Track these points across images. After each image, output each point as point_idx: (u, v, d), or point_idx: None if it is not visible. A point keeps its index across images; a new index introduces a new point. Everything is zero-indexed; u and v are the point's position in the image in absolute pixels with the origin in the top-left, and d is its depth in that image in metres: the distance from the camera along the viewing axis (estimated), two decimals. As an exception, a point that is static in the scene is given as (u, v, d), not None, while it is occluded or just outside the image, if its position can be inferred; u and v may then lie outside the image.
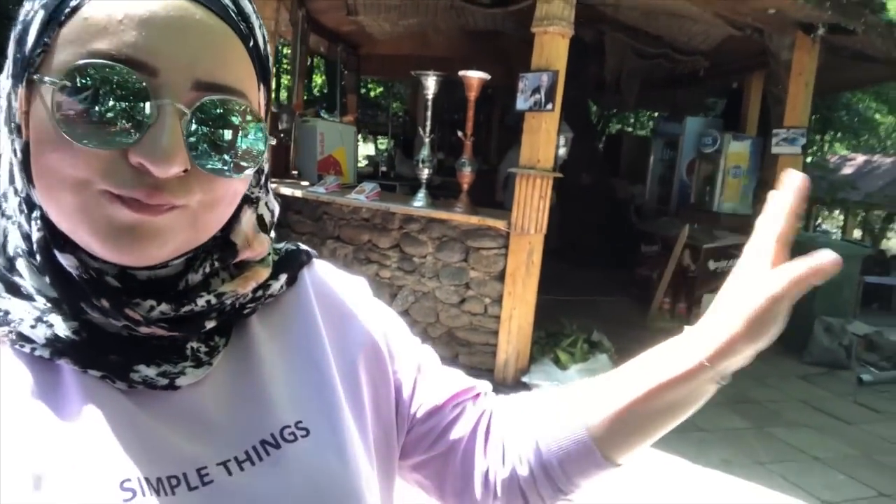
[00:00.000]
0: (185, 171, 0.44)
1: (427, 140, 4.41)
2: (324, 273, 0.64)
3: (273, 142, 0.52)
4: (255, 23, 0.49)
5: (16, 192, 0.47)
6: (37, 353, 0.46)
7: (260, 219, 0.57)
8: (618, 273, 7.55)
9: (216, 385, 0.51)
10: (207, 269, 0.51)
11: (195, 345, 0.50)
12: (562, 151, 5.71)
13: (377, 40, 7.62)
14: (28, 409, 0.44)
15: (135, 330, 0.48)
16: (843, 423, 4.57)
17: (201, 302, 0.50)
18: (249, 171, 0.48)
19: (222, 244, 0.53)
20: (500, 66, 6.19)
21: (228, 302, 0.52)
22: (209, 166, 0.45)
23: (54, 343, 0.46)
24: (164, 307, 0.48)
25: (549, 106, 4.27)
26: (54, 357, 0.46)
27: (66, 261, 0.46)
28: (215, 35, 0.45)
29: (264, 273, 0.55)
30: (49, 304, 0.47)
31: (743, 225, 6.55)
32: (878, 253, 9.80)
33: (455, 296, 4.45)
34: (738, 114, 7.34)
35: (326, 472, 0.51)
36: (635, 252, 7.45)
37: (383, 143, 14.31)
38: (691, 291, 6.25)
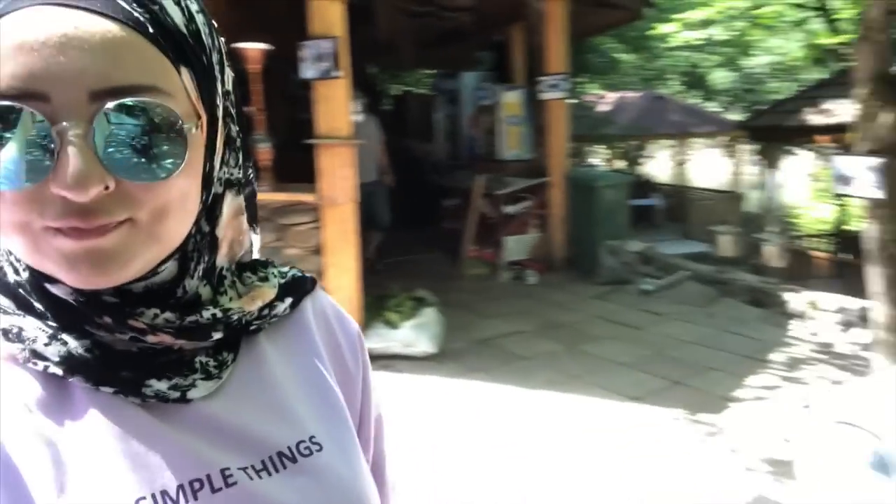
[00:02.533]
0: (107, 188, 0.41)
1: (216, 120, 4.15)
2: (324, 303, 0.64)
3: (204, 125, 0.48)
4: (166, 1, 0.45)
5: None
6: (50, 370, 0.45)
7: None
8: (426, 230, 7.81)
9: (229, 398, 0.51)
10: (200, 272, 0.50)
11: (204, 359, 0.50)
12: (360, 118, 5.72)
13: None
14: (43, 428, 0.44)
15: (142, 340, 0.47)
16: (635, 329, 5.24)
17: (207, 314, 0.50)
18: (178, 167, 0.44)
19: (212, 241, 0.52)
20: (270, 35, 5.98)
21: (235, 318, 0.52)
22: (132, 175, 0.42)
23: (68, 360, 0.46)
24: (168, 315, 0.47)
25: (338, 73, 4.24)
26: (67, 374, 0.46)
27: (59, 291, 0.46)
28: (100, 37, 0.41)
29: (270, 293, 0.56)
30: (56, 323, 0.47)
31: (528, 169, 7.10)
32: (638, 178, 11.18)
33: (275, 277, 4.32)
34: (507, 65, 7.84)
35: (342, 485, 0.53)
36: (438, 208, 7.74)
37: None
38: (494, 236, 6.67)
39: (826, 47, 11.50)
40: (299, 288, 0.60)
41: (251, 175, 0.56)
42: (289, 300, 0.58)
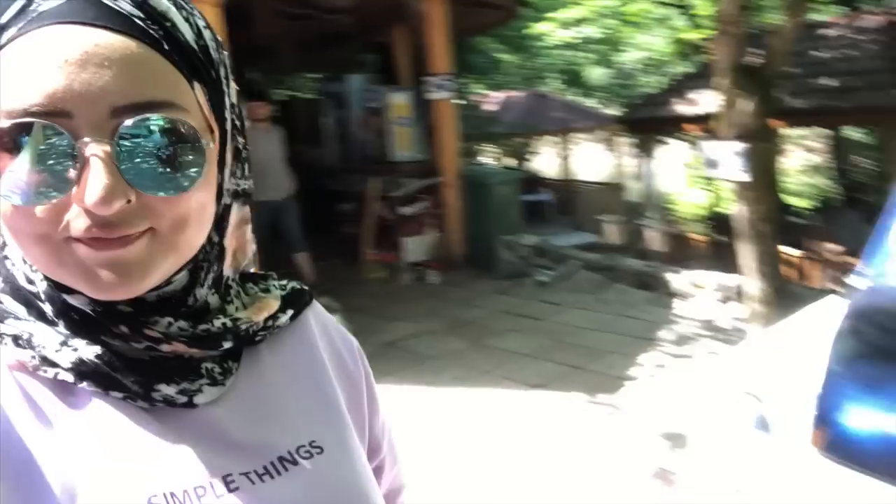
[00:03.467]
0: (129, 201, 0.43)
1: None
2: (323, 315, 0.66)
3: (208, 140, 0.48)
4: (177, 18, 0.46)
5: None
6: (60, 377, 0.47)
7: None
8: (322, 236, 7.69)
9: (231, 406, 0.52)
10: (210, 281, 0.52)
11: (210, 365, 0.52)
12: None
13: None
14: (54, 433, 0.45)
15: (157, 349, 0.48)
16: (535, 320, 5.40)
17: (217, 323, 0.51)
18: (197, 180, 0.45)
19: (219, 252, 0.53)
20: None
21: (243, 328, 0.53)
22: (153, 188, 0.43)
23: (78, 367, 0.47)
24: (181, 324, 0.49)
25: (219, 79, 4.10)
26: (77, 381, 0.47)
27: (76, 301, 0.47)
28: (119, 55, 0.42)
29: (274, 305, 0.57)
30: (70, 331, 0.48)
31: (421, 170, 7.15)
32: (527, 175, 11.52)
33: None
34: (392, 67, 7.85)
35: (343, 484, 0.54)
36: (334, 213, 7.64)
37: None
38: (392, 238, 6.67)
39: (689, 42, 12.36)
40: (299, 300, 0.61)
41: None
42: (290, 312, 0.59)
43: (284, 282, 0.63)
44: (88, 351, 0.47)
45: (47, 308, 0.48)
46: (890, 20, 6.97)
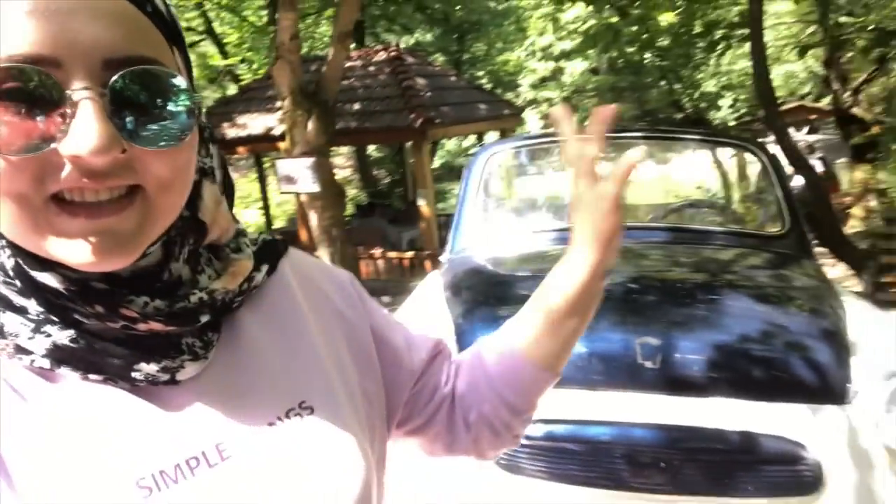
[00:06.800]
0: (124, 151, 0.42)
1: None
2: (301, 261, 0.64)
3: (199, 104, 0.48)
4: None
5: None
6: (36, 364, 0.45)
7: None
8: None
9: (215, 378, 0.51)
10: (185, 255, 0.51)
11: (190, 340, 0.50)
12: None
13: None
14: (36, 422, 0.44)
15: (133, 328, 0.47)
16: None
17: (194, 299, 0.50)
18: (187, 136, 0.45)
19: (193, 225, 0.52)
20: None
21: (219, 298, 0.52)
22: (147, 141, 0.43)
23: (54, 352, 0.45)
24: (157, 303, 0.47)
25: None
26: (54, 366, 0.45)
27: (47, 280, 0.45)
28: (110, 9, 0.42)
29: (248, 265, 0.56)
30: (43, 316, 0.46)
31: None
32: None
33: None
34: None
35: (333, 443, 0.54)
36: None
37: None
38: None
39: (220, 68, 12.67)
40: (272, 252, 0.60)
41: (226, 166, 0.57)
42: (265, 267, 0.58)
43: (255, 236, 0.61)
44: (62, 335, 0.45)
45: (14, 294, 0.45)
46: (393, 55, 8.52)
